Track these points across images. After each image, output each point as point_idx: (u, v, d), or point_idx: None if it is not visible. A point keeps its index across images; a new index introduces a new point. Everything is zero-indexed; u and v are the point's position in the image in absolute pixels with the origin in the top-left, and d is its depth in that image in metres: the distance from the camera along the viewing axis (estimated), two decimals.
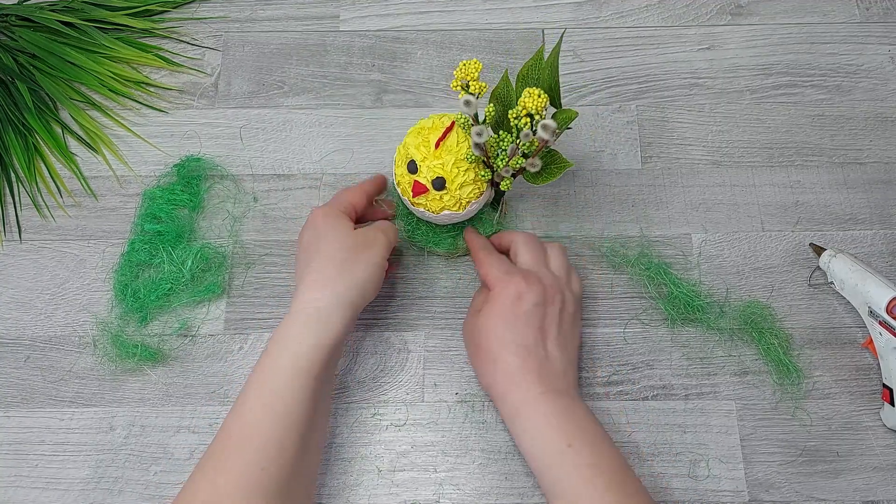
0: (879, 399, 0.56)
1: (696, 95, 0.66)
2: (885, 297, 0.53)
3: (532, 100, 0.47)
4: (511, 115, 0.49)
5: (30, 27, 0.68)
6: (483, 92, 0.49)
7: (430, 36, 0.69)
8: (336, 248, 0.51)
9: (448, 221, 0.56)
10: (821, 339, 0.58)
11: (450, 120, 0.52)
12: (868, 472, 0.54)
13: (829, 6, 0.70)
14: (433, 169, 0.52)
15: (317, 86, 0.67)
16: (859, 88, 0.66)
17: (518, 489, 0.54)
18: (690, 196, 0.63)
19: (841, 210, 0.62)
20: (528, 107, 0.47)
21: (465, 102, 0.48)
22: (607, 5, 0.70)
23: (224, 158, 0.64)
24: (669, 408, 0.56)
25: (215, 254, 0.60)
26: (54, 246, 0.62)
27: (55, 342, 0.59)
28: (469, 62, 0.49)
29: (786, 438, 0.55)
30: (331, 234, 0.51)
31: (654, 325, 0.58)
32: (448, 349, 0.58)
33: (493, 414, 0.56)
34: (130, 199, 0.63)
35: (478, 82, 0.49)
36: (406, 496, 0.54)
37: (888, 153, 0.64)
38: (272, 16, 0.70)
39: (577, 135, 0.65)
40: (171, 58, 0.68)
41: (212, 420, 0.56)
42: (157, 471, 0.55)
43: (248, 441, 0.45)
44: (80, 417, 0.56)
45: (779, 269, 0.60)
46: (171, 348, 0.58)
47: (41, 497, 0.54)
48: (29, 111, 0.65)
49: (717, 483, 0.54)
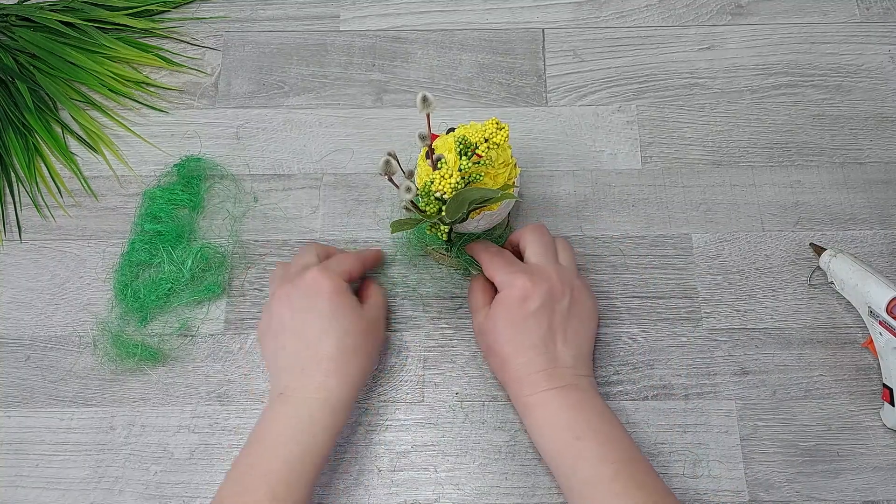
0: (879, 399, 0.56)
1: (696, 95, 0.66)
2: (885, 297, 0.53)
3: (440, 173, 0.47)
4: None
5: (30, 27, 0.68)
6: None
7: (430, 36, 0.69)
8: (349, 333, 0.50)
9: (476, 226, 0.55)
10: (821, 339, 0.58)
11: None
12: (868, 472, 0.54)
13: (829, 6, 0.70)
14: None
15: (317, 86, 0.67)
16: (859, 88, 0.66)
17: (518, 489, 0.54)
18: (690, 196, 0.63)
19: (841, 210, 0.62)
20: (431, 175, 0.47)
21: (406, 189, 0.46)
22: (607, 5, 0.70)
23: (224, 158, 0.64)
24: (669, 408, 0.56)
25: (215, 254, 0.60)
26: (54, 246, 0.62)
27: (55, 342, 0.59)
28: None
29: (786, 438, 0.55)
30: (343, 318, 0.50)
31: (654, 324, 0.58)
32: (448, 349, 0.58)
33: (493, 414, 0.56)
34: (130, 199, 0.63)
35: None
36: (406, 496, 0.54)
37: (888, 153, 0.64)
38: (272, 16, 0.70)
39: (578, 135, 0.65)
40: (171, 58, 0.68)
41: (212, 420, 0.56)
42: (157, 471, 0.55)
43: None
44: (81, 417, 0.56)
45: (779, 269, 0.60)
46: (171, 348, 0.58)
47: (41, 497, 0.54)
48: (29, 111, 0.65)
49: (717, 483, 0.54)
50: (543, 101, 0.66)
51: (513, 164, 0.53)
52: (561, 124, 0.65)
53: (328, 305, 0.50)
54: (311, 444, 0.47)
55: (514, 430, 0.55)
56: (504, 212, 0.55)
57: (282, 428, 0.47)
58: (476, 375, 0.57)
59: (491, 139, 0.49)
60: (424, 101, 0.45)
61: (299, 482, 0.46)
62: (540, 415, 0.49)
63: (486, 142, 0.49)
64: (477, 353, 0.58)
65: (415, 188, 0.46)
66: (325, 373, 0.49)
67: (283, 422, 0.47)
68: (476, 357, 0.58)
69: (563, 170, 0.64)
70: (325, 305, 0.50)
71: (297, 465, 0.46)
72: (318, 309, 0.50)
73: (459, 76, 0.67)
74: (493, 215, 0.54)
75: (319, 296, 0.50)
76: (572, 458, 0.47)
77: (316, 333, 0.49)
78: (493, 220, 0.55)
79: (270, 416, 0.48)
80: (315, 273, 0.50)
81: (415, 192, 0.46)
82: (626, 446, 0.48)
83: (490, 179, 0.52)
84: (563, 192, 0.63)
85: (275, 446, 0.46)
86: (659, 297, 0.59)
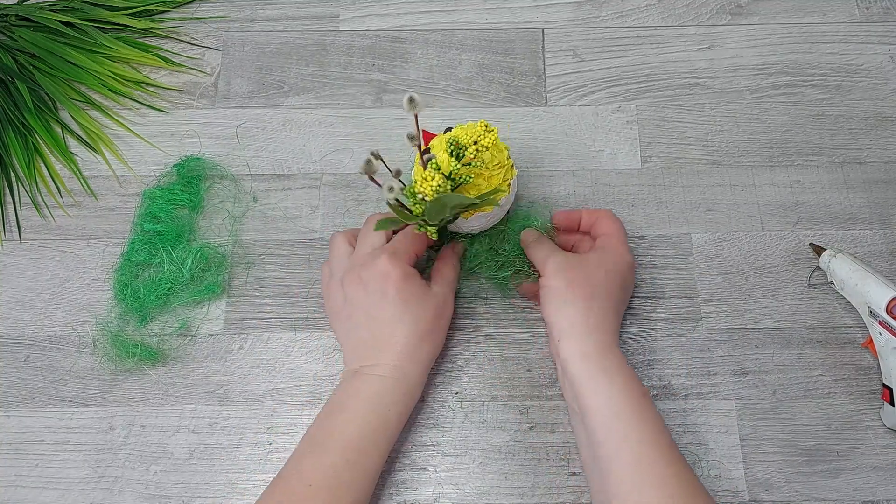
0: (879, 399, 0.56)
1: (696, 95, 0.66)
2: (885, 297, 0.53)
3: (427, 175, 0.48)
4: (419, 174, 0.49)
5: (30, 27, 0.68)
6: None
7: (430, 36, 0.69)
8: (422, 320, 0.52)
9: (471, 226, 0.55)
10: (821, 339, 0.58)
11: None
12: (868, 471, 0.54)
13: (829, 6, 0.70)
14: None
15: (317, 86, 0.67)
16: (859, 88, 0.66)
17: (518, 489, 0.54)
18: (690, 196, 0.63)
19: (841, 210, 0.62)
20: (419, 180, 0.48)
21: (388, 189, 0.46)
22: (607, 5, 0.70)
23: (224, 158, 0.64)
24: (669, 408, 0.56)
25: (215, 254, 0.60)
26: (54, 246, 0.62)
27: (55, 342, 0.59)
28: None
29: (785, 438, 0.55)
30: (415, 304, 0.52)
31: (654, 324, 0.58)
32: (448, 349, 0.58)
33: (493, 414, 0.56)
34: (130, 198, 0.63)
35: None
36: (406, 496, 0.54)
37: (888, 153, 0.64)
38: (272, 16, 0.70)
39: (577, 134, 0.65)
40: (171, 58, 0.68)
41: (211, 420, 0.56)
42: (157, 471, 0.55)
43: (326, 489, 0.47)
44: (80, 417, 0.56)
45: (779, 269, 0.60)
46: (170, 348, 0.58)
47: (41, 497, 0.54)
48: (29, 111, 0.65)
49: (717, 483, 0.54)
50: (543, 100, 0.66)
51: (509, 166, 0.53)
52: (561, 124, 0.65)
53: (398, 293, 0.51)
54: (385, 417, 0.50)
55: (514, 430, 0.55)
56: (500, 213, 0.55)
57: (359, 402, 0.50)
58: (476, 375, 0.57)
59: (480, 142, 0.49)
60: (411, 101, 0.46)
61: (371, 451, 0.49)
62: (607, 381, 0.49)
63: (475, 144, 0.49)
64: (477, 353, 0.58)
65: (398, 187, 0.46)
66: (398, 356, 0.51)
67: (360, 396, 0.50)
68: (476, 357, 0.58)
69: (562, 170, 0.64)
70: (396, 293, 0.51)
71: (371, 434, 0.49)
72: (389, 295, 0.51)
73: (459, 76, 0.67)
74: (489, 216, 0.54)
75: (388, 282, 0.51)
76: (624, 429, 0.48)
77: (388, 319, 0.52)
78: (490, 221, 0.55)
79: (349, 389, 0.51)
80: (385, 260, 0.52)
81: (398, 191, 0.46)
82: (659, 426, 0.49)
83: (484, 181, 0.51)
84: (563, 192, 0.63)
85: (353, 418, 0.49)
86: (659, 297, 0.59)
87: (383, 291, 0.51)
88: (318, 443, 0.49)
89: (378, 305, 0.52)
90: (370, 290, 0.52)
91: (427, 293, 0.53)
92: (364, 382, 0.51)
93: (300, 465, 0.49)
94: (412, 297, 0.52)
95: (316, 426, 0.50)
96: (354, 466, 0.48)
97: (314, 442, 0.50)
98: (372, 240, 0.54)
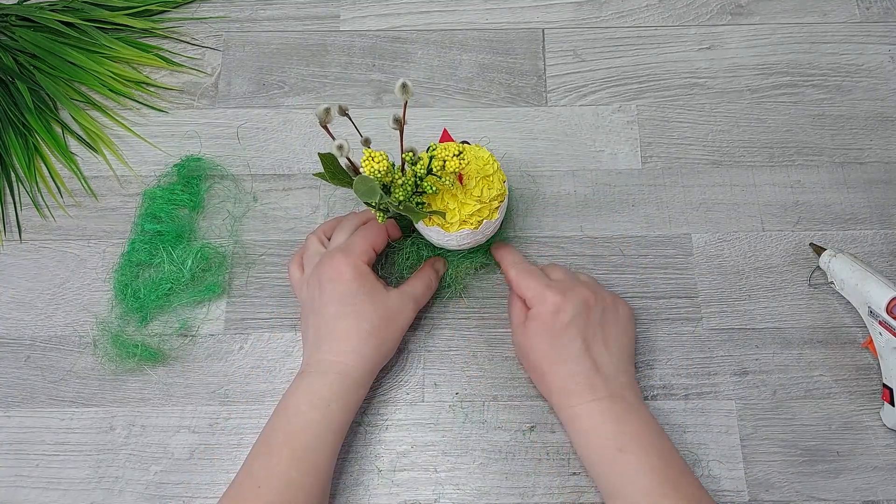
0: (879, 399, 0.56)
1: (696, 95, 0.66)
2: (885, 297, 0.53)
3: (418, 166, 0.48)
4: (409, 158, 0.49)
5: (30, 27, 0.68)
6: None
7: (430, 36, 0.69)
8: (366, 319, 0.52)
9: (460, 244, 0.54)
10: (821, 339, 0.58)
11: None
12: (868, 471, 0.54)
13: (829, 6, 0.70)
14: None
15: (317, 86, 0.67)
16: (859, 88, 0.66)
17: (518, 489, 0.54)
18: (690, 196, 0.63)
19: (841, 210, 0.62)
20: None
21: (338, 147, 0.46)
22: (607, 5, 0.70)
23: (224, 158, 0.64)
24: (669, 408, 0.56)
25: (215, 254, 0.60)
26: (54, 246, 0.62)
27: (55, 342, 0.59)
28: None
29: (786, 438, 0.55)
30: (365, 302, 0.52)
31: (654, 324, 0.58)
32: (448, 349, 0.58)
33: (493, 414, 0.56)
34: (130, 198, 0.63)
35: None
36: (406, 496, 0.54)
37: (888, 153, 0.64)
38: (272, 16, 0.70)
39: (578, 135, 0.65)
40: (171, 58, 0.68)
41: (212, 420, 0.56)
42: (157, 471, 0.55)
43: (276, 491, 0.47)
44: (81, 417, 0.56)
45: (779, 269, 0.60)
46: (171, 348, 0.58)
47: (41, 497, 0.54)
48: (29, 111, 0.65)
49: (717, 483, 0.54)
50: (543, 100, 0.66)
51: (492, 207, 0.52)
52: (561, 124, 0.65)
53: (347, 289, 0.52)
54: (328, 413, 0.50)
55: (513, 430, 0.55)
56: (489, 230, 0.54)
57: (301, 398, 0.50)
58: (476, 375, 0.57)
59: (446, 167, 0.48)
60: (404, 87, 0.46)
61: (318, 447, 0.49)
62: (583, 426, 0.49)
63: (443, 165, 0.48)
64: (477, 353, 0.58)
65: (347, 147, 0.46)
66: (340, 353, 0.51)
67: (302, 393, 0.50)
68: (476, 357, 0.58)
69: (563, 170, 0.64)
70: (345, 289, 0.52)
71: (315, 429, 0.49)
72: (337, 292, 0.52)
73: (459, 76, 0.67)
74: (476, 235, 0.53)
75: (338, 279, 0.52)
76: (616, 471, 0.48)
77: (332, 315, 0.52)
78: (475, 241, 0.54)
79: (293, 388, 0.51)
80: (339, 258, 0.52)
81: (347, 150, 0.46)
82: (671, 457, 0.48)
83: (456, 203, 0.51)
84: (563, 192, 0.63)
85: (296, 413, 0.50)
86: (659, 297, 0.59)
87: (332, 289, 0.52)
88: (266, 442, 0.49)
89: (325, 302, 0.52)
90: (323, 289, 0.52)
91: (378, 294, 0.53)
92: (305, 380, 0.51)
93: (251, 466, 0.49)
94: (360, 293, 0.52)
95: (266, 426, 0.51)
96: (301, 464, 0.48)
97: (262, 442, 0.50)
98: (338, 239, 0.55)
